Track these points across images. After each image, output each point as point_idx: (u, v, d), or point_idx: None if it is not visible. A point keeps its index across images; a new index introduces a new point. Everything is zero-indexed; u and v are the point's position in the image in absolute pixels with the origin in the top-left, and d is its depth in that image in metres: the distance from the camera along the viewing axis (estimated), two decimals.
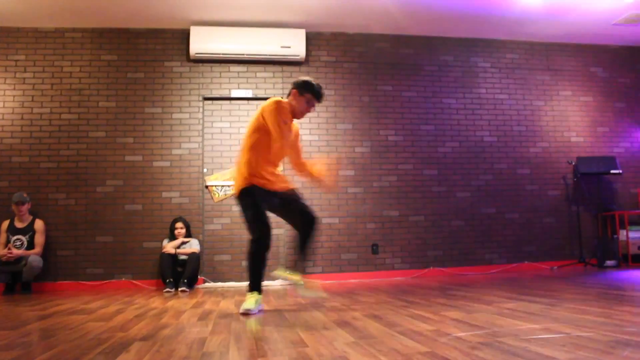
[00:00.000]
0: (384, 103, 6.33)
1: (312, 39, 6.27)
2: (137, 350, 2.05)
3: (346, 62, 6.34)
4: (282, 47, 6.02)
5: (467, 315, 2.72)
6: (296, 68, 6.21)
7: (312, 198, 5.98)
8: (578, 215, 6.41)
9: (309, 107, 3.44)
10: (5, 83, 5.90)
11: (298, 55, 6.08)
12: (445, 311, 2.91)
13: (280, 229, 5.90)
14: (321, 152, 6.12)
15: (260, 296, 3.29)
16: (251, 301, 3.21)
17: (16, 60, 5.95)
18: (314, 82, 3.44)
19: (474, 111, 6.50)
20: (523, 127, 6.59)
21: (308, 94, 3.41)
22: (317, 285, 3.56)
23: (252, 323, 2.78)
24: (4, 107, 5.86)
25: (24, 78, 5.92)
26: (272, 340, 2.22)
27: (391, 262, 6.07)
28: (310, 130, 6.13)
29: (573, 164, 6.43)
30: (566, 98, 6.77)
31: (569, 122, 6.72)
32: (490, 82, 6.60)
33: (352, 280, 5.87)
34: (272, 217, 3.34)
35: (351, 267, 5.99)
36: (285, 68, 6.19)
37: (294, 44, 6.05)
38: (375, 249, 6.05)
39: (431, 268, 6.11)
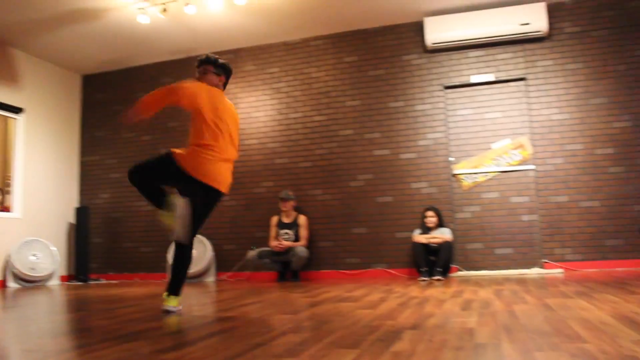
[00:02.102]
0: None
1: (553, 12, 5.86)
2: (410, 339, 2.05)
3: (594, 31, 5.80)
4: (520, 24, 5.75)
5: None
6: (538, 45, 5.87)
7: (567, 181, 5.61)
8: None
9: None
10: (264, 94, 6.65)
11: (539, 31, 5.74)
12: None
13: (534, 215, 5.66)
14: (574, 131, 5.70)
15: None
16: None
17: (271, 73, 6.66)
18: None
19: None
20: None
21: None
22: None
23: None
24: (265, 115, 6.62)
25: (279, 87, 6.61)
26: (545, 333, 2.08)
27: None
28: (560, 108, 5.75)
29: None
30: None
31: None
32: None
33: (619, 268, 5.36)
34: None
35: (617, 253, 5.47)
36: (527, 46, 5.89)
37: (534, 20, 5.72)
38: None
39: None
